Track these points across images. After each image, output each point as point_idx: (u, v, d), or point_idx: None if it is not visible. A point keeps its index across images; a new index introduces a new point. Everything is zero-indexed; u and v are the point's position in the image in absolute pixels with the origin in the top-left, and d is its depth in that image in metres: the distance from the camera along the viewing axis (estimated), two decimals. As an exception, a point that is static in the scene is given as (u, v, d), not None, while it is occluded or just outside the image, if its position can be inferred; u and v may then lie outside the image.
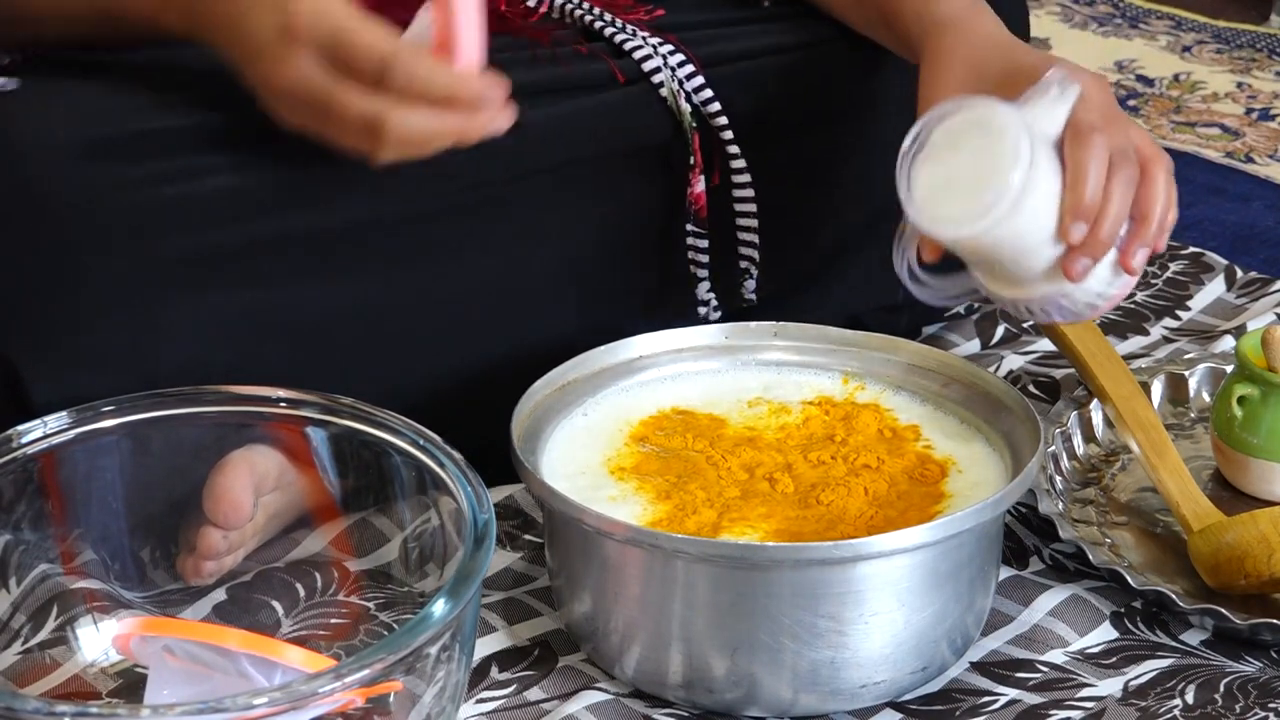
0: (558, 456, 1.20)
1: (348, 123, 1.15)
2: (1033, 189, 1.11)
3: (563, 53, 1.32)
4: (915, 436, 1.22)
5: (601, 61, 1.32)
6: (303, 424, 1.17)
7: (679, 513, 1.15)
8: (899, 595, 1.12)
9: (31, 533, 1.15)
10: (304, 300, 1.24)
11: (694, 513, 1.15)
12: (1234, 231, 1.71)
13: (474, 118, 1.16)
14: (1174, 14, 2.19)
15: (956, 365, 1.26)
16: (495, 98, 1.15)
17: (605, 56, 1.32)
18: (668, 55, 1.33)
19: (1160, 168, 1.16)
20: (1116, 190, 1.13)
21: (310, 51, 1.14)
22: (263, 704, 0.96)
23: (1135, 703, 1.15)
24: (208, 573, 1.20)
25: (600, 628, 1.16)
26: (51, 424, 1.14)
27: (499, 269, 1.30)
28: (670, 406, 1.25)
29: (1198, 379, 1.42)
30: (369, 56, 1.13)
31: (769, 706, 1.14)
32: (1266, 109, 1.96)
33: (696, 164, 1.32)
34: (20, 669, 1.15)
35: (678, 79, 1.32)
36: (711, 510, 1.15)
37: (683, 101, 1.32)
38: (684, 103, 1.32)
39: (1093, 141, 1.13)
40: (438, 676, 1.04)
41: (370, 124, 1.14)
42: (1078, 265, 1.13)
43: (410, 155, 1.17)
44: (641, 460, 1.20)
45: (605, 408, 1.24)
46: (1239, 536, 1.20)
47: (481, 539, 1.06)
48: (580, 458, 1.20)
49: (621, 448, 1.21)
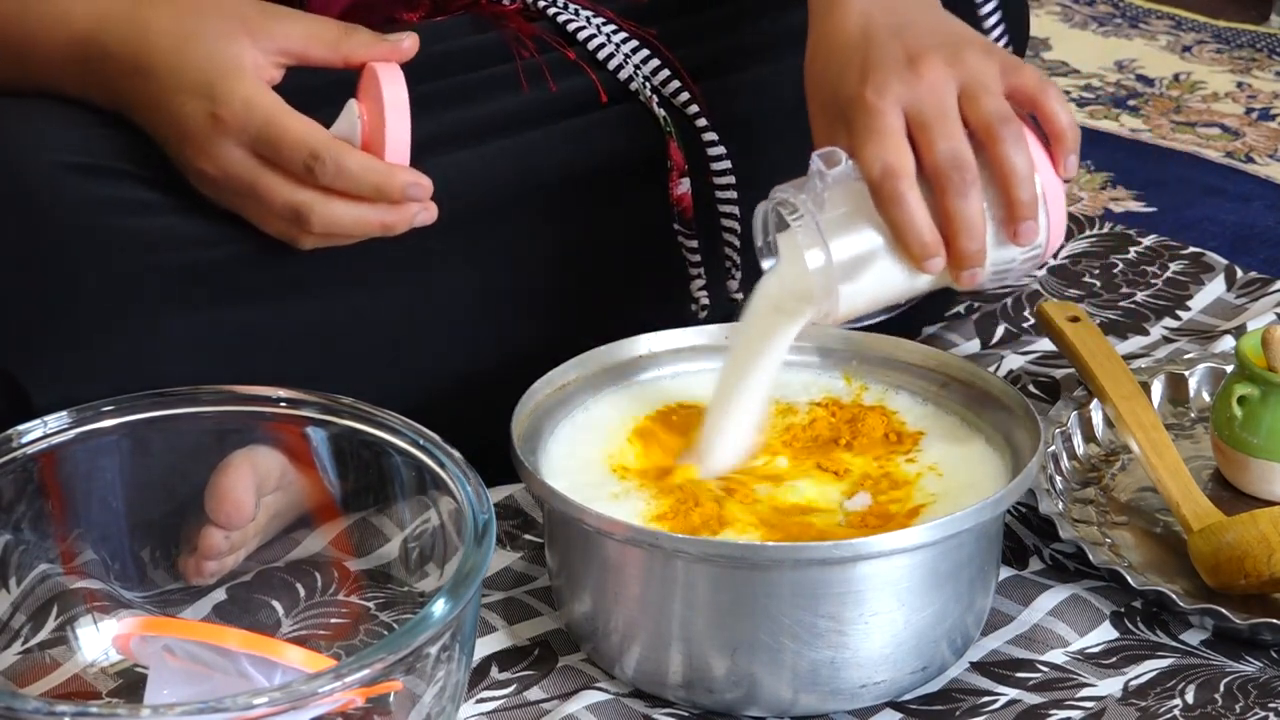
0: (558, 454, 1.20)
1: (273, 210, 1.16)
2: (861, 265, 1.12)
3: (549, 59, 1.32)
4: (915, 443, 1.22)
5: (585, 76, 1.32)
6: (303, 424, 1.17)
7: (682, 506, 1.15)
8: (899, 595, 1.12)
9: (31, 533, 1.15)
10: (303, 313, 1.24)
11: (697, 505, 1.15)
12: (1234, 231, 1.71)
13: (399, 211, 1.17)
14: (1174, 14, 2.18)
15: (956, 365, 1.26)
16: (422, 193, 1.16)
17: (588, 69, 1.32)
18: (640, 64, 1.33)
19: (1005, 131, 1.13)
20: (953, 206, 1.12)
21: (238, 141, 1.15)
22: (263, 704, 0.96)
23: (1135, 703, 1.15)
24: (209, 572, 1.20)
25: (600, 628, 1.16)
26: (51, 424, 1.14)
27: (494, 276, 1.30)
28: (675, 402, 1.25)
29: (1198, 379, 1.42)
30: (298, 149, 1.14)
31: (769, 706, 1.14)
32: (1266, 109, 1.96)
33: (675, 166, 1.32)
34: (20, 669, 1.15)
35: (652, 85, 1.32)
36: (715, 503, 1.15)
37: (656, 106, 1.32)
38: (658, 109, 1.32)
39: (895, 192, 1.11)
40: (438, 676, 1.04)
41: (296, 213, 1.16)
42: (964, 277, 1.13)
43: (334, 244, 1.19)
44: (643, 456, 1.20)
45: (606, 405, 1.24)
46: (1239, 536, 1.20)
47: (481, 539, 1.06)
48: (581, 454, 1.20)
49: (624, 444, 1.21)
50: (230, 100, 1.15)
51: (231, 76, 1.15)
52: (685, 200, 1.32)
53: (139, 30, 1.17)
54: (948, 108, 1.13)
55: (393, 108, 1.16)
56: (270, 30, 1.17)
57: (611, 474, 1.18)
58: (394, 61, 1.18)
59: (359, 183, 1.16)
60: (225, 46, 1.16)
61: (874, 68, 1.14)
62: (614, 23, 1.34)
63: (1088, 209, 1.75)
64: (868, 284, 1.14)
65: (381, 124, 1.16)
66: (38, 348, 1.18)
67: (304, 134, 1.15)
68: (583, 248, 1.32)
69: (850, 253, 1.13)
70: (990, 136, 1.13)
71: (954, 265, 1.13)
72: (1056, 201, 1.15)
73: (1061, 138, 1.15)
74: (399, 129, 1.16)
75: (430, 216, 1.18)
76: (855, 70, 1.15)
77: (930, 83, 1.13)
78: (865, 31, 1.17)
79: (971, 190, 1.12)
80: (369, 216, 1.17)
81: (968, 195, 1.12)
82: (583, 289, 1.33)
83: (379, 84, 1.16)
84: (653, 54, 1.33)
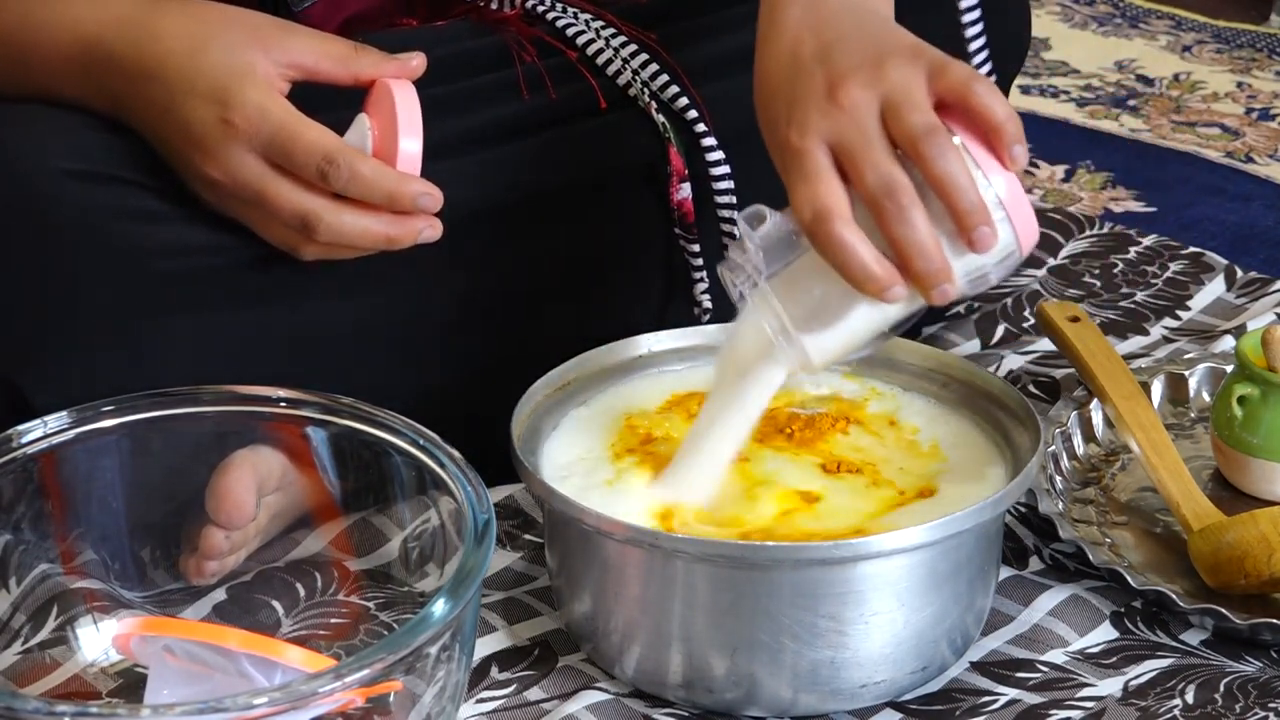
0: (557, 446, 1.20)
1: (279, 218, 1.16)
2: (821, 313, 1.10)
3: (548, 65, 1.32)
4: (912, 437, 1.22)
5: (585, 81, 1.32)
6: (303, 424, 1.17)
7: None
8: (899, 595, 1.12)
9: (31, 533, 1.15)
10: (304, 316, 1.24)
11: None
12: (1234, 231, 1.71)
13: (406, 224, 1.17)
14: (1174, 14, 2.19)
15: (956, 365, 1.26)
16: (432, 204, 1.17)
17: (588, 74, 1.32)
18: (639, 68, 1.32)
19: (931, 145, 1.07)
20: (896, 233, 1.07)
21: (249, 147, 1.15)
22: (263, 704, 0.96)
23: (1135, 702, 1.15)
24: (210, 572, 1.20)
25: (600, 627, 1.16)
26: (51, 424, 1.14)
27: (493, 280, 1.30)
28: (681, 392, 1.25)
29: (1198, 379, 1.42)
30: (312, 153, 1.14)
31: (769, 706, 1.14)
32: (1266, 109, 1.96)
33: (675, 172, 1.32)
34: (20, 669, 1.15)
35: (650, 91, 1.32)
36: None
37: (654, 112, 1.32)
38: (657, 115, 1.32)
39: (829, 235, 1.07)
40: (438, 676, 1.04)
41: (303, 220, 1.16)
42: (935, 295, 1.09)
43: (336, 256, 1.19)
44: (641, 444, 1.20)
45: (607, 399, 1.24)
46: (1239, 536, 1.20)
47: (481, 539, 1.06)
48: (581, 443, 1.20)
49: (624, 430, 1.21)
50: (243, 106, 1.15)
51: (245, 83, 1.15)
52: (686, 205, 1.32)
53: (150, 35, 1.17)
54: (870, 134, 1.08)
55: (405, 121, 1.17)
56: (283, 44, 1.17)
57: (610, 463, 1.18)
58: (404, 79, 1.18)
59: (372, 189, 1.16)
60: (239, 54, 1.16)
61: (796, 104, 1.10)
62: (613, 26, 1.34)
63: (1088, 209, 1.75)
64: (837, 328, 1.11)
65: (394, 137, 1.16)
66: (38, 354, 1.18)
67: (318, 139, 1.15)
68: (583, 253, 1.32)
69: (803, 307, 1.11)
70: (917, 154, 1.08)
71: (919, 287, 1.08)
72: (1015, 196, 1.10)
73: (999, 130, 1.08)
74: (411, 142, 1.17)
75: (435, 234, 1.18)
76: (783, 109, 1.11)
77: (850, 111, 1.08)
78: (793, 62, 1.12)
79: (910, 213, 1.07)
80: (375, 228, 1.17)
81: (907, 220, 1.07)
82: (583, 293, 1.33)
83: (392, 98, 1.17)
84: (652, 58, 1.33)
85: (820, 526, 1.13)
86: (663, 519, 1.14)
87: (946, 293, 1.08)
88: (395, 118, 1.17)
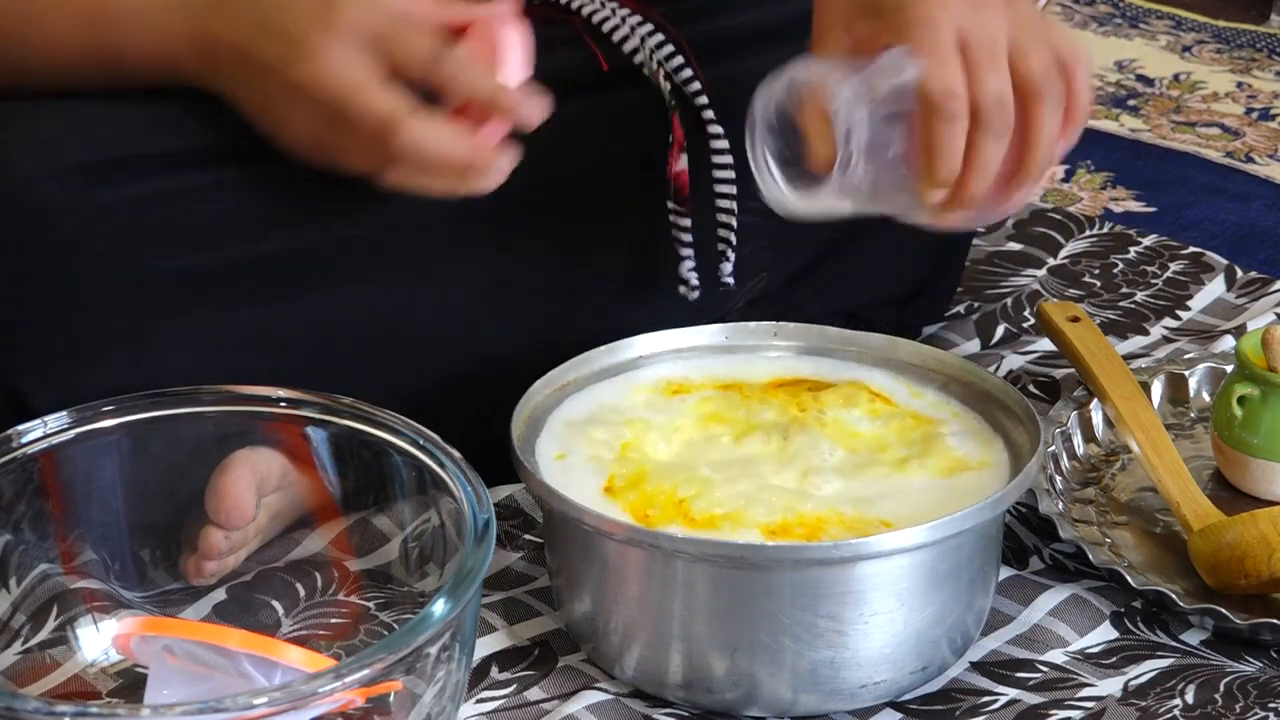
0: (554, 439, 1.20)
1: (361, 127, 1.15)
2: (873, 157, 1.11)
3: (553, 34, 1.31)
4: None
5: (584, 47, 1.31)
6: (303, 424, 1.17)
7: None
8: (899, 595, 1.12)
9: (31, 533, 1.15)
10: (303, 314, 1.24)
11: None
12: (1234, 231, 1.71)
13: (485, 152, 1.16)
14: (1174, 14, 2.19)
15: (956, 365, 1.26)
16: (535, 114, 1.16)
17: (587, 40, 1.32)
18: (646, 36, 1.32)
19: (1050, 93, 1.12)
20: (983, 144, 1.10)
21: (350, 44, 1.14)
22: (263, 704, 0.96)
23: (1135, 703, 1.15)
24: (210, 572, 1.20)
25: (600, 628, 1.16)
26: (51, 424, 1.14)
27: (491, 274, 1.29)
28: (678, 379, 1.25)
29: (1198, 379, 1.43)
30: (420, 45, 1.13)
31: (769, 706, 1.14)
32: (1266, 109, 1.96)
33: (676, 141, 1.31)
34: (20, 669, 1.15)
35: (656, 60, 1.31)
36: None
37: (662, 80, 1.31)
38: (663, 81, 1.31)
39: (955, 113, 1.10)
40: (438, 676, 1.04)
41: (385, 123, 1.14)
42: (949, 218, 1.12)
43: (411, 180, 1.17)
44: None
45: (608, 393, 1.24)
46: (1239, 536, 1.20)
47: (481, 539, 1.06)
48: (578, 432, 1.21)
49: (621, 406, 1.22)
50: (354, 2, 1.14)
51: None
52: (683, 177, 1.31)
53: None
54: (1000, 49, 1.11)
55: (510, 46, 1.16)
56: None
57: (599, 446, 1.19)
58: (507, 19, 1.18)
59: (478, 81, 1.15)
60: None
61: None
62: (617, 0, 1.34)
63: (1088, 209, 1.75)
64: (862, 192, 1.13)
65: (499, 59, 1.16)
66: (38, 354, 1.18)
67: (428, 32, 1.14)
68: (580, 239, 1.32)
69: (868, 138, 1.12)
70: (1034, 95, 1.11)
71: (950, 201, 1.11)
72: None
73: (1075, 117, 1.13)
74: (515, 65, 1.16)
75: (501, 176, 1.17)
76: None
77: (989, 19, 1.12)
78: None
79: (1005, 136, 1.10)
80: (456, 148, 1.15)
81: (1001, 139, 1.10)
82: (579, 281, 1.32)
83: (494, 29, 1.16)
84: (657, 29, 1.33)
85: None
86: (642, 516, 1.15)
87: (955, 219, 1.12)
88: (498, 46, 1.16)
